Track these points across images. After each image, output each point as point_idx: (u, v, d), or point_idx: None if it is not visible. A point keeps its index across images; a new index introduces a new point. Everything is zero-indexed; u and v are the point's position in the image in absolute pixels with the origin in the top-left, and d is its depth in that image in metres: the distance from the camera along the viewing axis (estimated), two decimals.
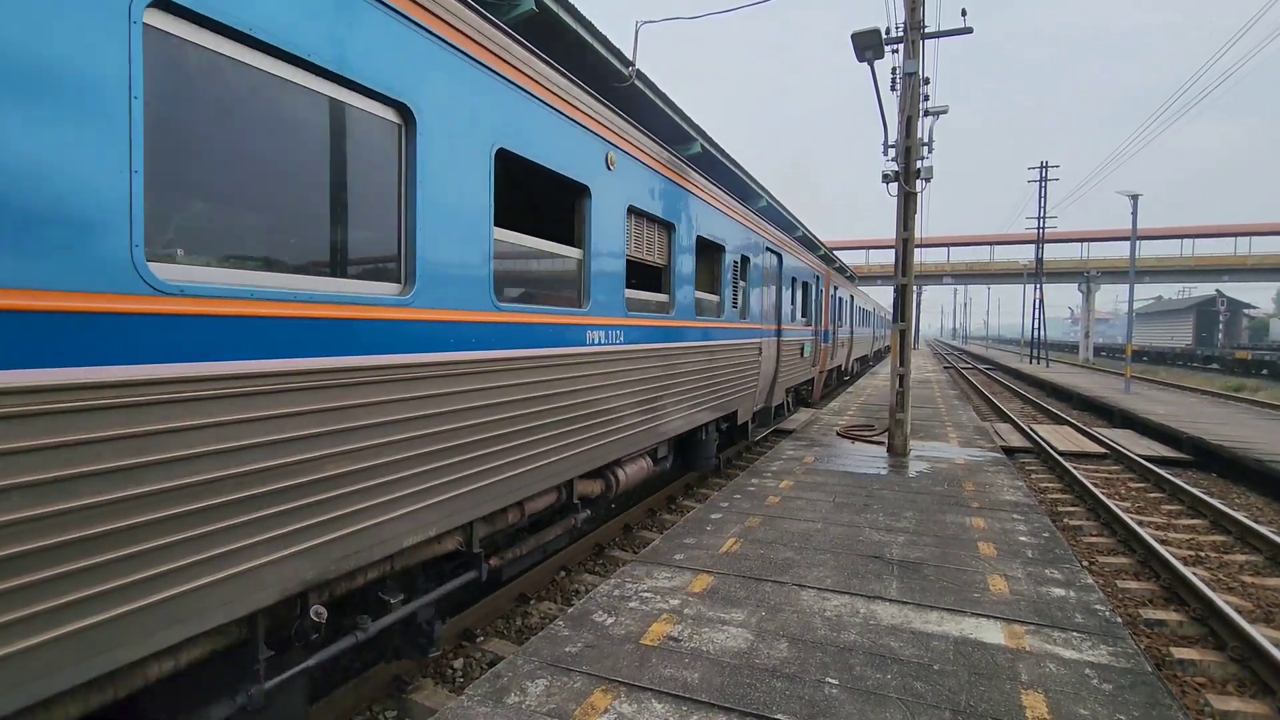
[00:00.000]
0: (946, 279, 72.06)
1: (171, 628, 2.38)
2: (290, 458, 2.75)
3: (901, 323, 10.44)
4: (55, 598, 2.05)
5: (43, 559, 2.01)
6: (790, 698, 3.43)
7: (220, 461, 2.49)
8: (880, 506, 7.20)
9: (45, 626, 2.02)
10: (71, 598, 2.08)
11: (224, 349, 2.50)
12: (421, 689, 4.36)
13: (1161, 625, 5.53)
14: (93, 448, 2.12)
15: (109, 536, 2.17)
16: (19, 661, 1.96)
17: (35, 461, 1.98)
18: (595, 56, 8.78)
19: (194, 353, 2.40)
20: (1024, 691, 3.52)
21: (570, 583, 6.28)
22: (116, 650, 2.22)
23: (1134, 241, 24.44)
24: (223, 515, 2.51)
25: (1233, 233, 63.62)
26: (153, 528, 2.29)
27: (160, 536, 2.32)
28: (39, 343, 1.98)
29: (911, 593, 4.84)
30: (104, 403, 2.13)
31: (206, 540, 2.46)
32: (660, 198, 6.39)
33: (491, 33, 3.97)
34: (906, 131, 10.02)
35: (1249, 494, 10.19)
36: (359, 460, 3.08)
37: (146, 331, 2.25)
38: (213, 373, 2.47)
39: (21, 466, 1.95)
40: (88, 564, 2.12)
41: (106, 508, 2.16)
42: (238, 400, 2.56)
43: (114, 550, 2.19)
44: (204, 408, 2.44)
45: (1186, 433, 13.05)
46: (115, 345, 2.17)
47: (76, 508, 2.08)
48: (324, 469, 2.90)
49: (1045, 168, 39.80)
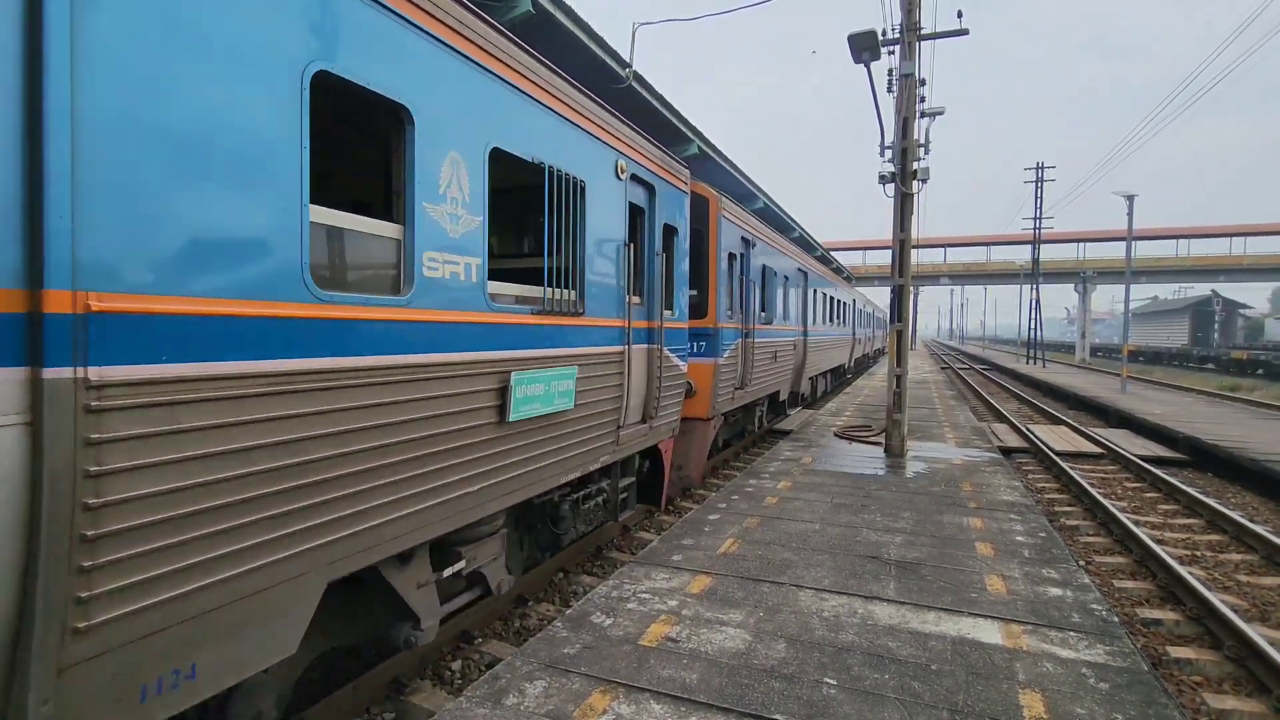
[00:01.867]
0: (943, 279, 72.24)
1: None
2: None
3: (899, 323, 10.46)
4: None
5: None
6: (788, 698, 3.43)
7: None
8: (878, 507, 7.21)
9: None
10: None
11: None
12: (419, 690, 4.35)
13: (1158, 624, 5.55)
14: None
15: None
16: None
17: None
18: (592, 57, 8.78)
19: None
20: (1021, 691, 3.53)
21: (568, 584, 6.28)
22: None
23: (1130, 242, 24.53)
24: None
25: (1228, 233, 63.88)
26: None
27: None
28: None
29: (909, 593, 4.85)
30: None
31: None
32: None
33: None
34: (903, 133, 10.04)
35: (1245, 493, 10.23)
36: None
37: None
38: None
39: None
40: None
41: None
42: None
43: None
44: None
45: (1183, 432, 13.10)
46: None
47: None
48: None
49: (1041, 168, 39.89)
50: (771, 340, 11.87)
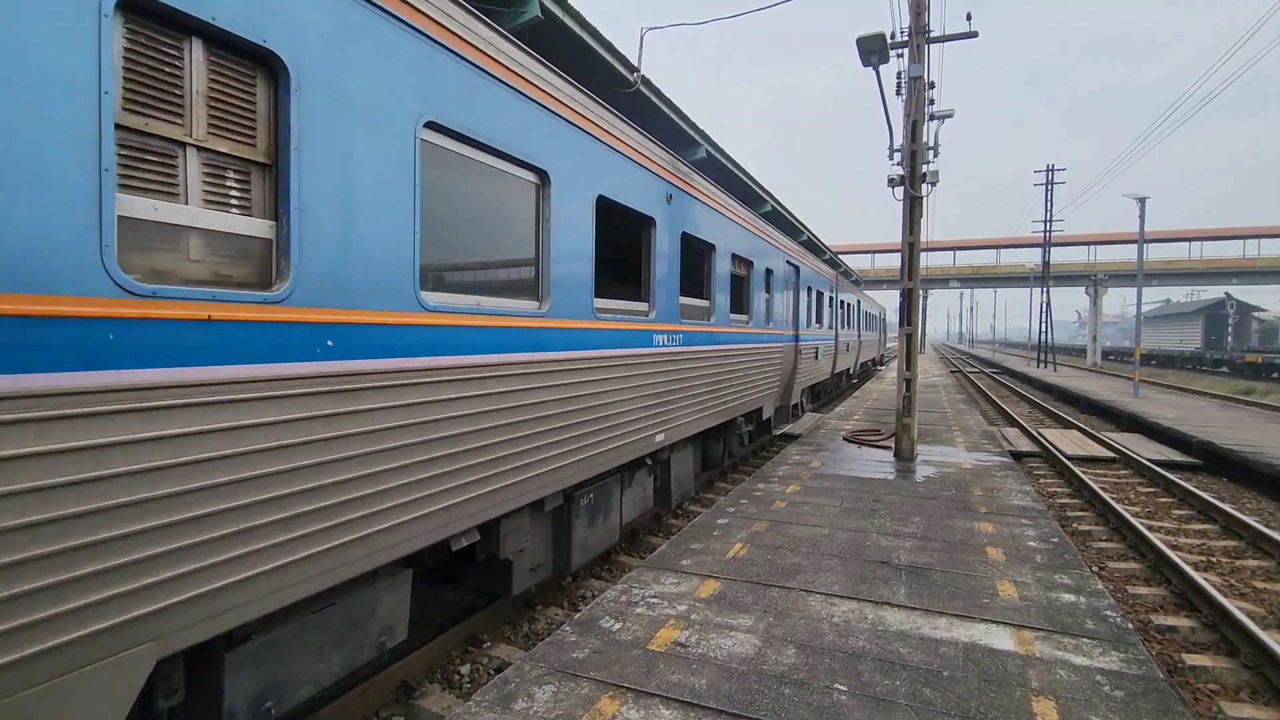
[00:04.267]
0: (953, 282, 71.85)
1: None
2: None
3: (908, 326, 10.41)
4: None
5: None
6: (798, 704, 3.41)
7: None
8: (887, 511, 7.17)
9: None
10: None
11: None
12: (428, 694, 4.36)
13: (1173, 631, 5.48)
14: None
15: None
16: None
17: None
18: (600, 62, 8.81)
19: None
20: (1034, 698, 3.49)
21: (577, 588, 6.27)
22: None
23: (1141, 244, 24.33)
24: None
25: (1241, 235, 63.28)
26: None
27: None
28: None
29: (920, 598, 4.81)
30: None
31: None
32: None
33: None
34: (912, 136, 10.01)
35: (1260, 498, 10.10)
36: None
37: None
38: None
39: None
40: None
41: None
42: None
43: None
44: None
45: (1196, 437, 12.95)
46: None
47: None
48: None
49: (1051, 171, 39.69)
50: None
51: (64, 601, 2.11)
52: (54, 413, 2.06)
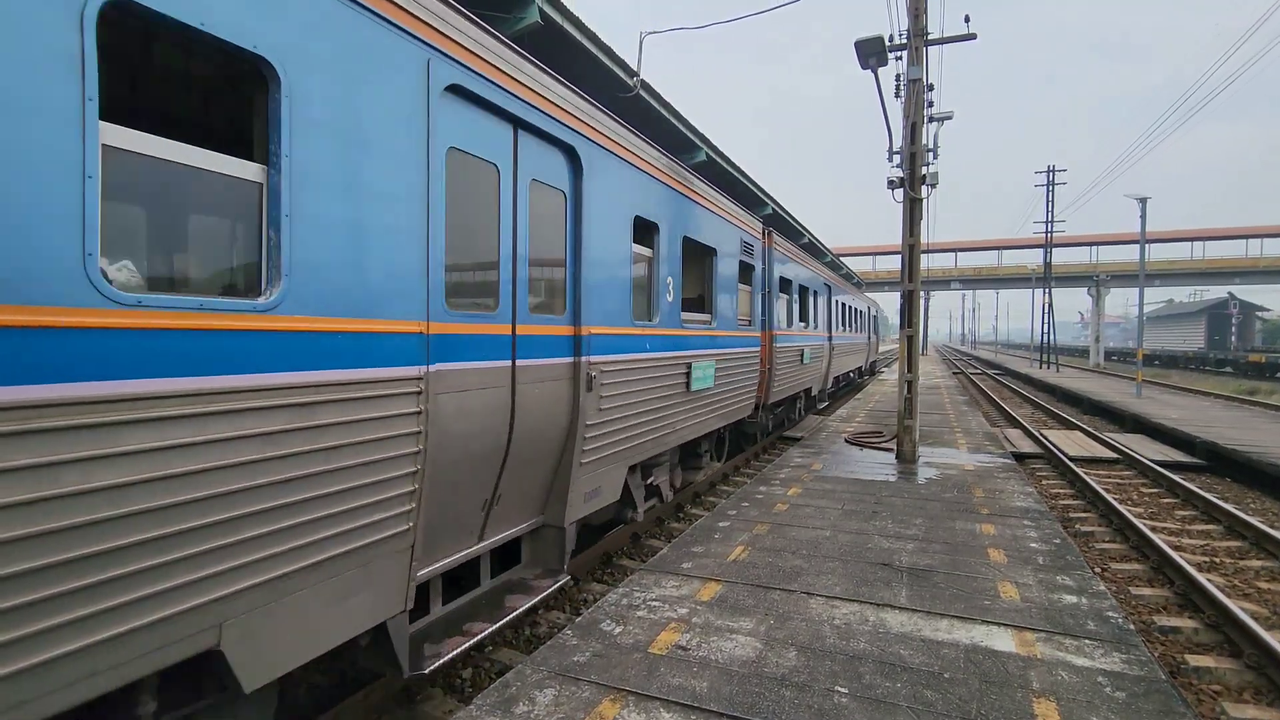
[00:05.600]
0: (954, 284, 71.81)
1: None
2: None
3: (909, 328, 10.41)
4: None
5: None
6: (800, 706, 3.41)
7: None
8: (889, 513, 7.16)
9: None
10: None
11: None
12: (430, 698, 4.36)
13: (1176, 632, 5.46)
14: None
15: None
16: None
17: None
18: (600, 67, 8.84)
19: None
20: (1036, 700, 3.49)
21: (578, 591, 6.28)
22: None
23: (1143, 245, 24.31)
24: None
25: (1244, 234, 63.16)
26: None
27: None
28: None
29: (921, 600, 4.81)
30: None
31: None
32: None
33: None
34: (911, 137, 10.03)
35: (1264, 499, 10.07)
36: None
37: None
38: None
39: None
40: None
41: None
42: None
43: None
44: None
45: (1200, 437, 12.92)
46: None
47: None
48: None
49: (1053, 171, 39.67)
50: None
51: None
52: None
